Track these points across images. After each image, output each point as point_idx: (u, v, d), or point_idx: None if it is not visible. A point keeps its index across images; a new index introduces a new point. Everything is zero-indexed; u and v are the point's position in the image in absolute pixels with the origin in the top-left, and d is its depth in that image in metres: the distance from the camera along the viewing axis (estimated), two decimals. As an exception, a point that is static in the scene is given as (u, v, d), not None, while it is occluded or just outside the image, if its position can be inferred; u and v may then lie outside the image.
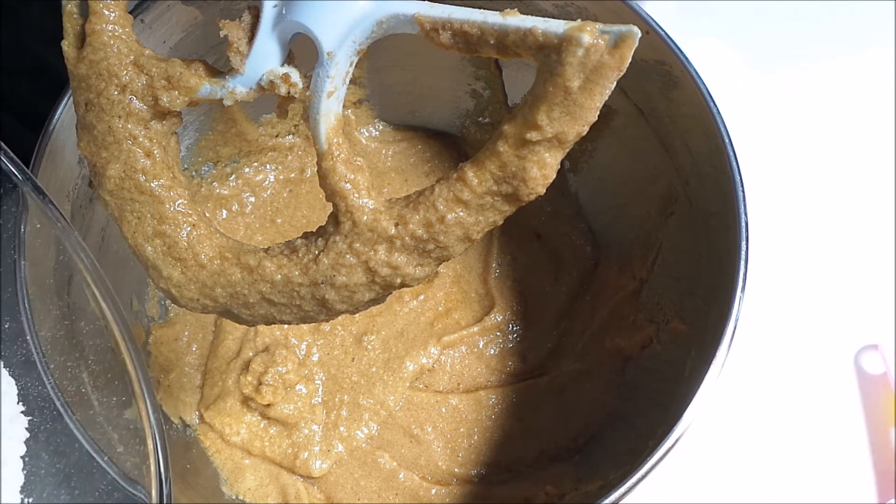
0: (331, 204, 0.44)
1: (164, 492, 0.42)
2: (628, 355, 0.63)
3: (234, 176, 0.69)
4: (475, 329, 0.67)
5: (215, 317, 0.68)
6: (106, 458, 0.45)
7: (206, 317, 0.68)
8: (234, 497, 0.63)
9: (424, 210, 0.42)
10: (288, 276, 0.44)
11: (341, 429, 0.65)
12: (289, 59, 0.44)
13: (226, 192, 0.69)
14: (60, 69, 0.44)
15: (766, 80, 0.78)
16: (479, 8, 0.39)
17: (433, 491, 0.63)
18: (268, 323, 0.47)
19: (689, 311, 0.56)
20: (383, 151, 0.73)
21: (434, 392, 0.66)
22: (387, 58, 0.67)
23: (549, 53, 0.38)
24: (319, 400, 0.66)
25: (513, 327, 0.68)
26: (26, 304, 0.47)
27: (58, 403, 0.46)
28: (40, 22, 0.66)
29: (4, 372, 0.46)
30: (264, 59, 0.43)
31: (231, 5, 0.54)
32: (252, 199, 0.70)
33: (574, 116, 0.39)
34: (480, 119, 0.71)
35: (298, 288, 0.44)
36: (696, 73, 0.53)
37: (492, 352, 0.67)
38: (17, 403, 0.46)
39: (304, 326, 0.67)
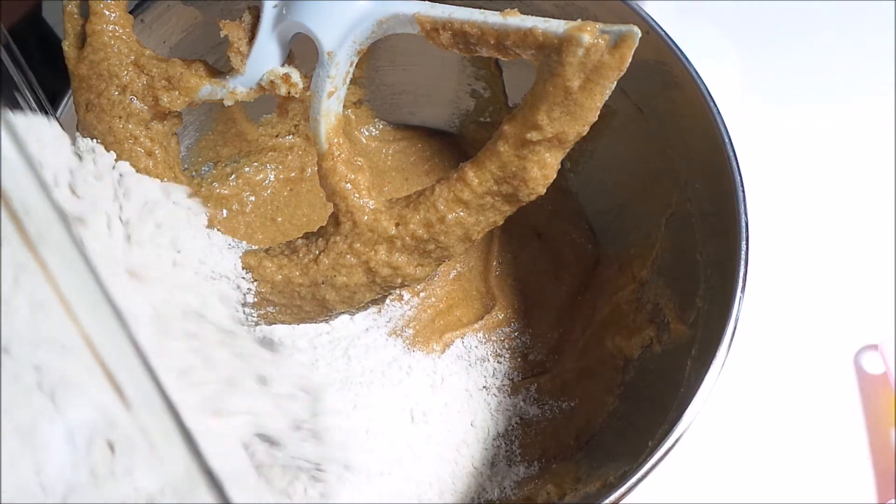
0: (331, 204, 0.44)
1: None
2: (628, 355, 0.63)
3: (234, 175, 0.69)
4: (476, 327, 0.67)
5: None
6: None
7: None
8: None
9: (425, 210, 0.42)
10: (288, 276, 0.44)
11: (341, 428, 0.65)
12: (289, 59, 0.44)
13: (226, 191, 0.69)
14: (61, 69, 0.44)
15: (767, 80, 0.78)
16: (479, 8, 0.40)
17: (434, 490, 0.63)
18: (268, 323, 0.47)
19: (689, 311, 0.56)
20: (383, 151, 0.73)
21: (434, 391, 0.66)
22: (387, 58, 0.67)
23: (550, 53, 0.38)
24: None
25: (514, 325, 0.68)
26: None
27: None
28: (40, 21, 0.66)
29: None
30: (264, 59, 0.43)
31: (231, 5, 0.54)
32: (252, 199, 0.70)
33: (574, 116, 0.39)
34: (481, 119, 0.71)
35: (299, 288, 0.44)
36: (696, 73, 0.53)
37: (492, 351, 0.67)
38: None
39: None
